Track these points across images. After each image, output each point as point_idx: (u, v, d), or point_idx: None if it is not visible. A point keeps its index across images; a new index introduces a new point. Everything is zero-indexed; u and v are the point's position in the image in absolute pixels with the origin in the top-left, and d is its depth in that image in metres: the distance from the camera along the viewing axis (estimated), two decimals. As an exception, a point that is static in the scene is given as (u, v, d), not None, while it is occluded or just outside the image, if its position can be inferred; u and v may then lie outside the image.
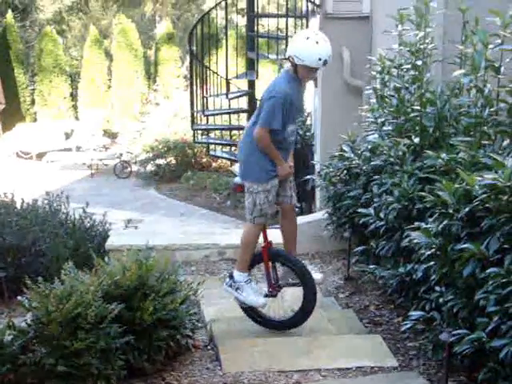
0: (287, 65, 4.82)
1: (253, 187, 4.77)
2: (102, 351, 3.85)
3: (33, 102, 22.46)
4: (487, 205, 3.44)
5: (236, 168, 5.10)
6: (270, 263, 4.95)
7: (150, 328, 4.18)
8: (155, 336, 4.20)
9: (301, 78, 4.70)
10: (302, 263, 4.96)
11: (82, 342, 3.78)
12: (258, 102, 4.95)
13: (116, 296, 4.18)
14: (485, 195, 3.41)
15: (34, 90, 22.46)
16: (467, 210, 3.56)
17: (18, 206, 7.24)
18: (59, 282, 4.10)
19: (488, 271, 3.28)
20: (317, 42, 4.49)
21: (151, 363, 4.21)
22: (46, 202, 7.28)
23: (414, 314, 4.08)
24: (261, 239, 4.93)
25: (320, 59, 4.49)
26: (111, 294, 4.18)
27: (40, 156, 19.73)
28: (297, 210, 5.30)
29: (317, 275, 5.10)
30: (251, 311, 4.98)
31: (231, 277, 4.92)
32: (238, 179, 5.04)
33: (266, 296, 4.93)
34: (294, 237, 5.08)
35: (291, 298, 5.10)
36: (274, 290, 4.97)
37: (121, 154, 17.75)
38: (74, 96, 22.57)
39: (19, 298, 4.19)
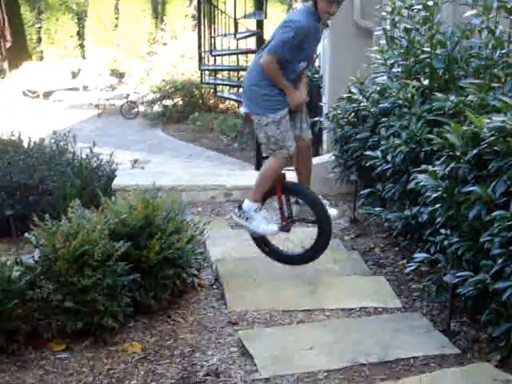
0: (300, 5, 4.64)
1: (261, 119, 4.57)
2: (109, 288, 3.90)
3: (39, 41, 22.30)
4: (495, 147, 3.42)
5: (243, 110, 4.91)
6: (284, 196, 4.81)
7: (157, 266, 4.22)
8: (161, 274, 4.24)
9: (320, 14, 4.43)
10: (319, 198, 4.78)
11: (89, 278, 3.82)
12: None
13: (122, 234, 4.20)
14: (493, 138, 3.39)
15: (40, 28, 22.26)
16: (475, 152, 3.54)
17: (25, 144, 7.26)
18: (66, 219, 4.12)
19: (494, 214, 3.29)
20: None
21: (157, 301, 4.26)
22: (52, 141, 7.29)
23: (419, 256, 4.11)
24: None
25: None
26: (118, 233, 4.21)
27: (47, 95, 19.68)
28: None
29: (332, 211, 4.88)
30: (262, 241, 4.90)
31: (240, 207, 4.77)
32: (243, 108, 4.84)
33: (279, 230, 4.78)
34: (307, 174, 4.89)
35: (304, 234, 5.02)
36: (287, 224, 4.83)
37: (128, 95, 17.61)
38: (80, 35, 22.40)
39: (26, 235, 4.21)
